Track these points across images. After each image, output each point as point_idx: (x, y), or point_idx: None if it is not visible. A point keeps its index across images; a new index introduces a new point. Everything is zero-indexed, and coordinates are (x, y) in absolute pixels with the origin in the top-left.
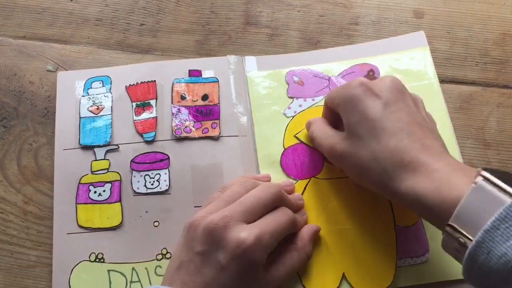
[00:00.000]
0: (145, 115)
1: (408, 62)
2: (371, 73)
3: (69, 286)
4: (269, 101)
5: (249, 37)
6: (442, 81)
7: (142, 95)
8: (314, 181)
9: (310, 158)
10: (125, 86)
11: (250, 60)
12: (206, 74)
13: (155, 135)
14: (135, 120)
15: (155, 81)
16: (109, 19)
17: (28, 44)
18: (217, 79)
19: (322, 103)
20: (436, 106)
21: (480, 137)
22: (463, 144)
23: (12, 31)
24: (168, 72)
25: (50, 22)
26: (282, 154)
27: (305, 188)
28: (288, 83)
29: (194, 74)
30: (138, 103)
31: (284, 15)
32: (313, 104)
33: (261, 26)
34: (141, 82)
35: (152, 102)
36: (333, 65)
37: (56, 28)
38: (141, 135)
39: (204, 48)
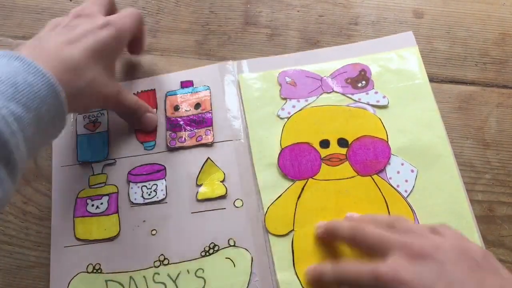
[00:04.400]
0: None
1: (398, 62)
2: (363, 73)
3: None
4: (262, 103)
5: (249, 37)
6: (441, 81)
7: None
8: (312, 182)
9: (308, 159)
10: None
11: (241, 64)
12: (198, 83)
13: (154, 144)
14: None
15: (154, 89)
16: None
17: None
18: (208, 87)
19: (315, 103)
20: (427, 106)
21: (479, 137)
22: (463, 144)
23: (12, 31)
24: (161, 86)
25: None
26: (279, 154)
27: (302, 189)
28: (280, 84)
29: (186, 85)
30: None
31: (283, 15)
32: (306, 105)
33: (260, 26)
34: (142, 91)
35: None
36: (325, 65)
37: None
38: (141, 143)
39: (204, 48)
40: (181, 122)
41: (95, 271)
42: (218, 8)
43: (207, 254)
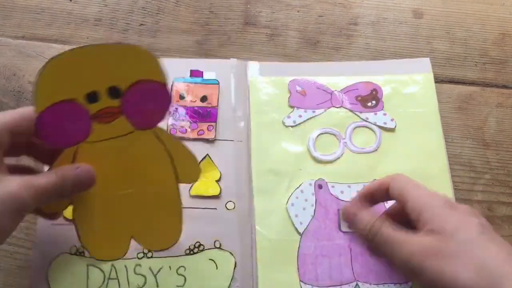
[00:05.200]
0: None
1: (411, 87)
2: (374, 92)
3: (47, 277)
4: (269, 108)
5: (249, 37)
6: (441, 81)
7: None
8: (84, 147)
9: (74, 120)
10: None
11: (253, 66)
12: (208, 75)
13: None
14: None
15: None
16: (109, 19)
17: (27, 44)
18: (218, 81)
19: (322, 117)
20: (434, 136)
21: (479, 137)
22: (462, 144)
23: (11, 31)
24: (170, 70)
25: (49, 22)
26: (36, 121)
27: (74, 157)
28: (290, 92)
29: (196, 74)
30: None
31: (283, 15)
32: (313, 116)
33: (260, 26)
34: None
35: None
36: (338, 79)
37: (55, 28)
38: None
39: (204, 48)
40: (185, 112)
41: (78, 253)
42: (218, 8)
43: (191, 252)
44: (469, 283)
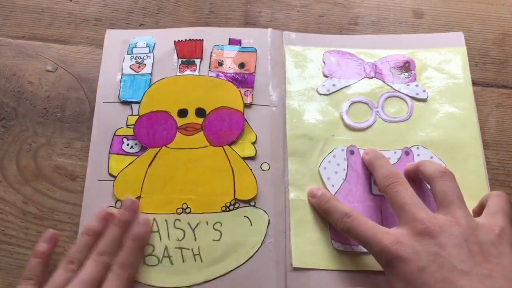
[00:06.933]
0: (188, 72)
1: (445, 60)
2: (407, 65)
3: None
4: (304, 76)
5: None
6: None
7: (188, 53)
8: (165, 150)
9: (164, 127)
10: (174, 41)
11: (290, 35)
12: (246, 43)
13: None
14: (178, 75)
15: (202, 40)
16: (109, 19)
17: (28, 44)
18: (255, 49)
19: (355, 86)
20: (465, 106)
21: None
22: None
23: (12, 31)
24: (209, 38)
25: (49, 22)
26: (136, 121)
27: (155, 156)
28: (324, 62)
29: (234, 42)
30: (184, 60)
31: (283, 15)
32: (346, 86)
33: (260, 26)
34: (190, 39)
35: (197, 61)
36: (372, 51)
37: (55, 28)
38: None
39: None
40: (223, 78)
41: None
42: (218, 8)
43: (228, 209)
44: None
